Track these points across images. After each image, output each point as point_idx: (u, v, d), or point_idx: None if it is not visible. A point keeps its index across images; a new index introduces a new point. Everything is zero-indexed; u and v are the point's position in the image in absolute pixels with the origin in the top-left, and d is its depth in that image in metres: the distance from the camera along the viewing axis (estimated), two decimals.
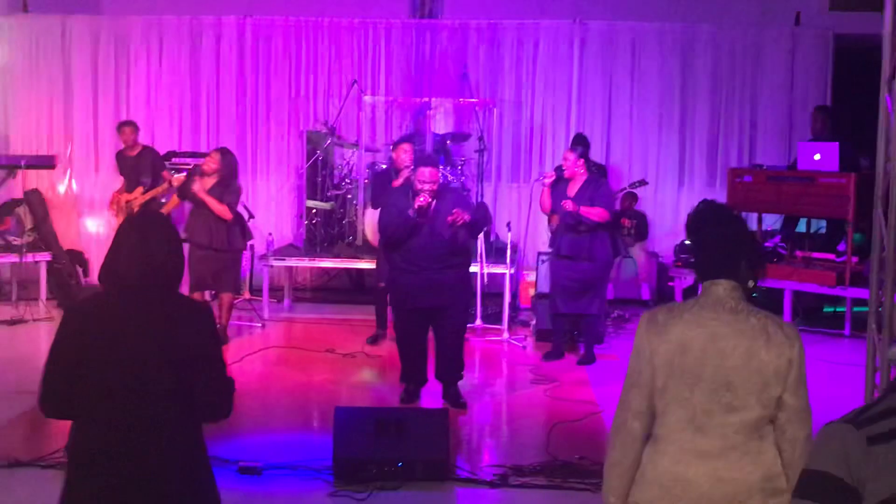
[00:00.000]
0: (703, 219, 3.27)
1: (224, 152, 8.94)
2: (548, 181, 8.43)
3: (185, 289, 5.34)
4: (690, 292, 9.02)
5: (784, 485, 2.97)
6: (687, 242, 2.86)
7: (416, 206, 6.78)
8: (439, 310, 6.99)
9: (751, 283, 3.12)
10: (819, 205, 9.11)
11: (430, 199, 6.79)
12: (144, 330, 3.13)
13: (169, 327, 3.16)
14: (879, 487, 1.73)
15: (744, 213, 9.81)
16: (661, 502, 3.01)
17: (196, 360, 3.16)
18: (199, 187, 8.62)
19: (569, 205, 8.04)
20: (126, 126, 10.66)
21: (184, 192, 9.04)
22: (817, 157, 8.82)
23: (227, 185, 8.76)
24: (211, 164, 8.76)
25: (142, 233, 3.26)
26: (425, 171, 6.88)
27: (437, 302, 6.95)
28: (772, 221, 10.33)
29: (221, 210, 8.65)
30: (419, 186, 6.84)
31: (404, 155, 8.55)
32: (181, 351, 3.14)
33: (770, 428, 3.00)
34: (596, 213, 8.09)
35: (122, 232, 3.29)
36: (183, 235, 8.62)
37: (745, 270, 3.10)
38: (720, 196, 9.98)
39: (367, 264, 10.03)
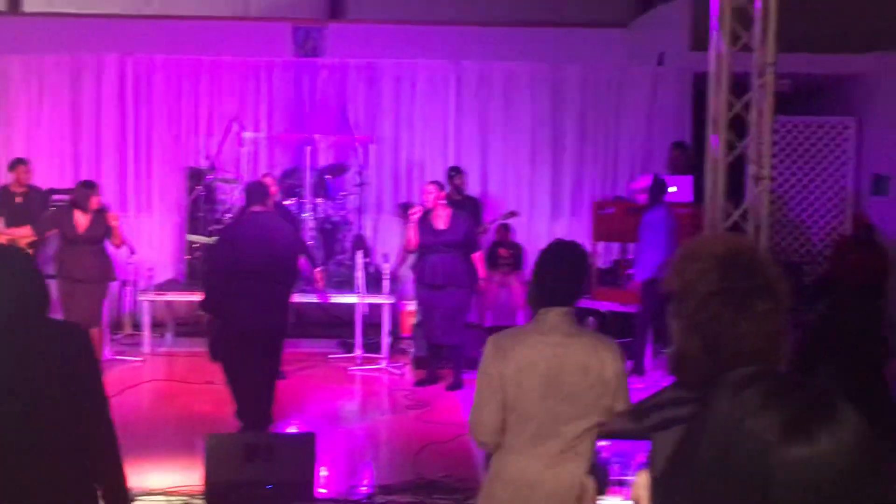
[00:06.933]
0: (544, 257, 3.64)
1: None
2: (415, 217, 8.74)
3: None
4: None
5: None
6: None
7: None
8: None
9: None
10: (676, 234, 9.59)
11: None
12: (16, 362, 3.12)
13: (43, 356, 3.15)
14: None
15: (607, 243, 10.38)
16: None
17: (75, 383, 3.15)
18: (113, 216, 8.99)
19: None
20: (22, 164, 10.44)
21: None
22: (673, 189, 9.37)
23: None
24: (97, 199, 8.99)
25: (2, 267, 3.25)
26: None
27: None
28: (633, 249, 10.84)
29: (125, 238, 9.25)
30: None
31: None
32: (58, 377, 3.12)
33: (595, 430, 3.43)
34: (480, 260, 8.91)
35: None
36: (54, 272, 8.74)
37: (575, 298, 3.53)
38: (587, 226, 10.49)
39: None
